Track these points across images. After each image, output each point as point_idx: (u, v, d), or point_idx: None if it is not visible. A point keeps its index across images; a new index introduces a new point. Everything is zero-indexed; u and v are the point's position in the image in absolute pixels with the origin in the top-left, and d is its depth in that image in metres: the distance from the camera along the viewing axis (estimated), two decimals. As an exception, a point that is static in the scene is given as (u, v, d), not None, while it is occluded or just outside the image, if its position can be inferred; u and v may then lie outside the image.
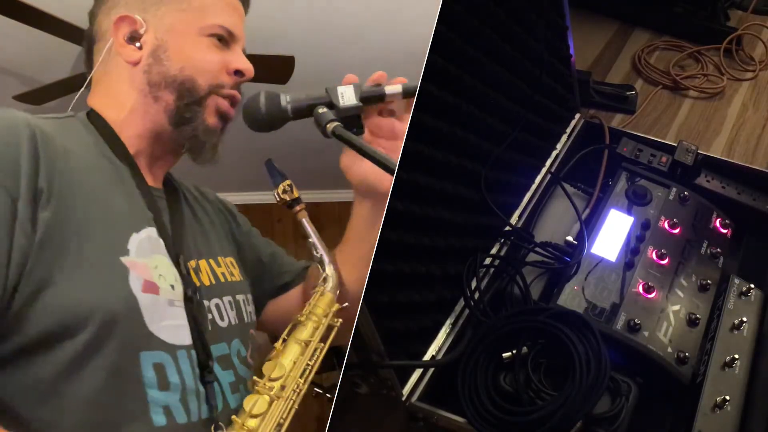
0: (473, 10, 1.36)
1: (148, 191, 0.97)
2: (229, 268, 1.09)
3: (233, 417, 0.94)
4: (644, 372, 1.30)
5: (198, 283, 0.98)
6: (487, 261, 1.52)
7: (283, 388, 0.97)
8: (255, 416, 0.93)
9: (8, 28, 2.20)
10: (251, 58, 2.53)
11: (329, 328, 1.05)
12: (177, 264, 0.93)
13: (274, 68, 2.49)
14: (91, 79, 1.05)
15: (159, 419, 0.86)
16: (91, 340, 0.80)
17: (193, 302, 0.93)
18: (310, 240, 1.14)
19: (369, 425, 1.39)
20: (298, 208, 1.15)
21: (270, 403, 0.95)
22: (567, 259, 1.47)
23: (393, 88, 1.08)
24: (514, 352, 1.28)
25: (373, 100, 1.07)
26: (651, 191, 1.59)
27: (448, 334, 1.43)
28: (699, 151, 1.67)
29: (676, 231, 1.53)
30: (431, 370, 1.36)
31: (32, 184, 0.78)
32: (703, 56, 2.18)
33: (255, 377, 0.98)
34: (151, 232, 0.92)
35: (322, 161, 3.58)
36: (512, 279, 1.47)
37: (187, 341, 0.91)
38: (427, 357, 1.39)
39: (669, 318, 1.38)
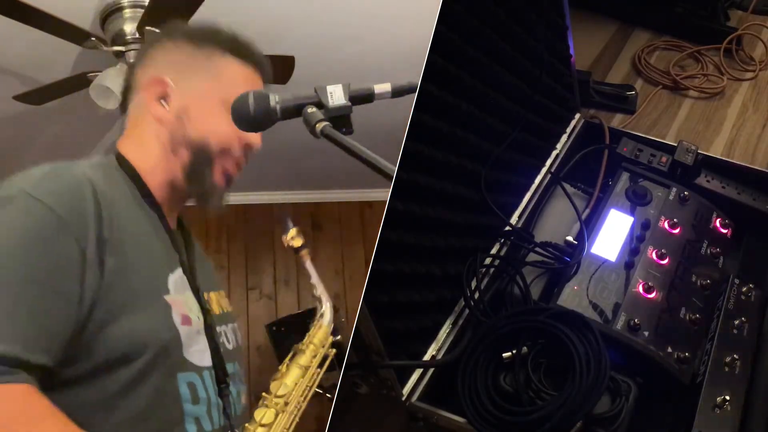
0: (473, 10, 1.36)
1: (173, 235, 1.10)
2: (225, 300, 1.23)
3: (246, 425, 1.11)
4: (644, 372, 1.30)
5: (216, 313, 1.14)
6: (487, 261, 1.52)
7: (286, 403, 1.16)
8: (264, 425, 1.12)
9: (8, 28, 2.20)
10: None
11: (325, 356, 1.26)
12: (198, 297, 1.07)
13: (274, 68, 2.49)
14: (125, 121, 1.18)
15: (191, 428, 1.02)
16: (145, 366, 0.95)
17: (212, 330, 1.08)
18: (312, 281, 1.32)
19: (369, 425, 1.39)
20: (303, 252, 1.32)
21: (276, 416, 1.14)
22: (567, 259, 1.47)
23: (382, 87, 1.08)
24: (514, 352, 1.28)
25: (362, 99, 1.07)
26: (651, 191, 1.59)
27: (448, 334, 1.43)
28: (699, 151, 1.67)
29: (676, 231, 1.53)
30: (431, 370, 1.36)
31: (98, 235, 0.92)
32: (703, 56, 2.18)
33: (264, 393, 1.16)
34: (179, 271, 1.06)
35: (322, 161, 3.58)
36: (512, 279, 1.47)
37: (209, 363, 1.06)
38: (427, 357, 1.39)
39: (669, 318, 1.38)
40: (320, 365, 1.24)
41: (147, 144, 1.11)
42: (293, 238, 1.30)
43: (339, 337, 1.29)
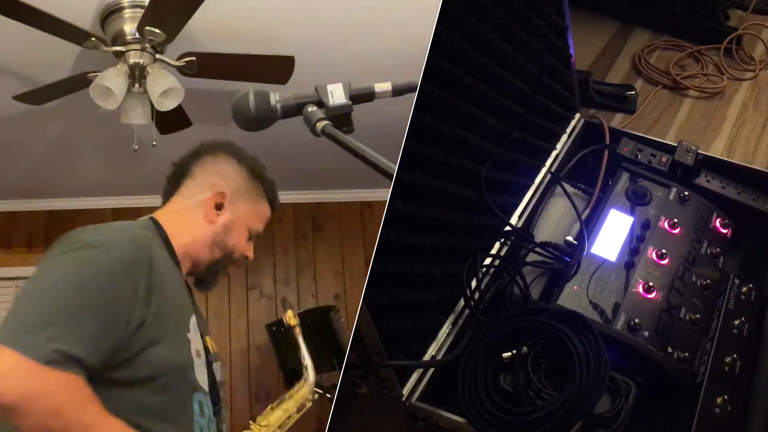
0: (473, 10, 1.36)
1: (189, 289, 1.42)
2: (213, 343, 1.45)
3: None
4: (644, 372, 1.30)
5: (212, 351, 1.40)
6: (487, 261, 1.52)
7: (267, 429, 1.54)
8: None
9: (8, 28, 2.20)
10: (251, 58, 2.52)
11: (303, 405, 1.64)
12: (202, 339, 1.35)
13: (274, 68, 2.49)
14: (169, 196, 1.49)
15: None
16: (169, 381, 1.23)
17: (211, 364, 1.35)
18: (300, 351, 1.67)
19: (369, 425, 1.39)
20: (297, 330, 1.69)
21: None
22: (567, 259, 1.47)
23: (383, 86, 1.08)
24: (514, 352, 1.28)
25: (362, 98, 1.07)
26: (651, 191, 1.59)
27: (448, 334, 1.43)
28: (699, 151, 1.67)
29: (676, 231, 1.53)
30: (431, 370, 1.36)
31: (148, 280, 1.22)
32: (703, 56, 2.18)
33: (251, 421, 1.52)
34: (195, 316, 1.35)
35: (322, 161, 3.58)
36: (512, 279, 1.47)
37: (208, 389, 1.32)
38: (427, 357, 1.39)
39: (669, 318, 1.38)
40: (298, 410, 1.62)
41: (190, 228, 1.43)
42: (291, 318, 1.70)
43: (316, 397, 1.68)
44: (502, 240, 1.56)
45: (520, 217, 1.64)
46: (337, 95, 1.04)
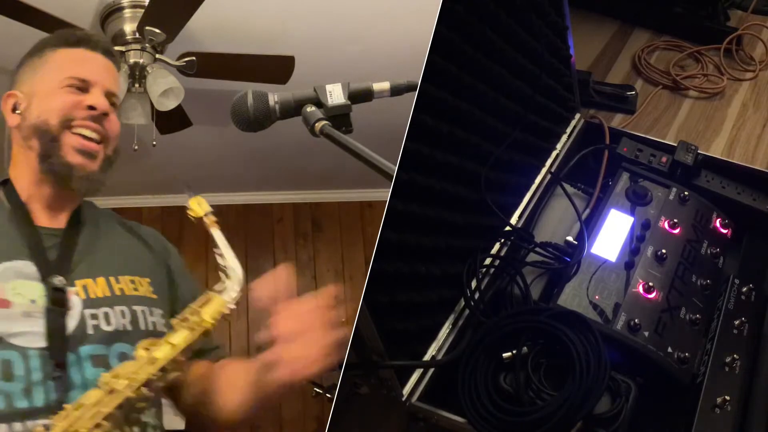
0: (473, 10, 1.36)
1: (32, 230, 1.20)
2: (134, 285, 1.23)
3: (64, 405, 1.04)
4: (644, 372, 1.30)
5: (83, 297, 1.17)
6: (487, 261, 1.52)
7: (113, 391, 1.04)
8: (78, 408, 1.02)
9: (8, 28, 2.20)
10: (251, 58, 2.52)
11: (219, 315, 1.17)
12: (46, 283, 1.14)
13: (274, 68, 2.49)
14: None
15: None
16: None
17: (56, 313, 1.12)
18: (218, 248, 1.20)
19: (369, 425, 1.39)
20: (209, 219, 1.22)
21: (99, 399, 1.03)
22: (567, 260, 1.47)
23: (381, 85, 1.08)
24: (514, 352, 1.28)
25: (361, 98, 1.07)
26: (651, 191, 1.59)
27: (448, 334, 1.43)
28: (699, 151, 1.67)
29: (676, 231, 1.53)
30: (431, 370, 1.36)
31: None
32: (703, 56, 2.18)
33: (103, 373, 1.07)
34: (19, 263, 1.15)
35: (322, 161, 3.59)
36: (512, 279, 1.47)
37: (41, 344, 1.10)
38: (427, 357, 1.39)
39: (669, 318, 1.38)
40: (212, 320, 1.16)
41: (14, 154, 1.26)
42: (196, 207, 1.22)
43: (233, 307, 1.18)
44: (502, 240, 1.56)
45: (520, 217, 1.64)
46: (335, 95, 1.05)
